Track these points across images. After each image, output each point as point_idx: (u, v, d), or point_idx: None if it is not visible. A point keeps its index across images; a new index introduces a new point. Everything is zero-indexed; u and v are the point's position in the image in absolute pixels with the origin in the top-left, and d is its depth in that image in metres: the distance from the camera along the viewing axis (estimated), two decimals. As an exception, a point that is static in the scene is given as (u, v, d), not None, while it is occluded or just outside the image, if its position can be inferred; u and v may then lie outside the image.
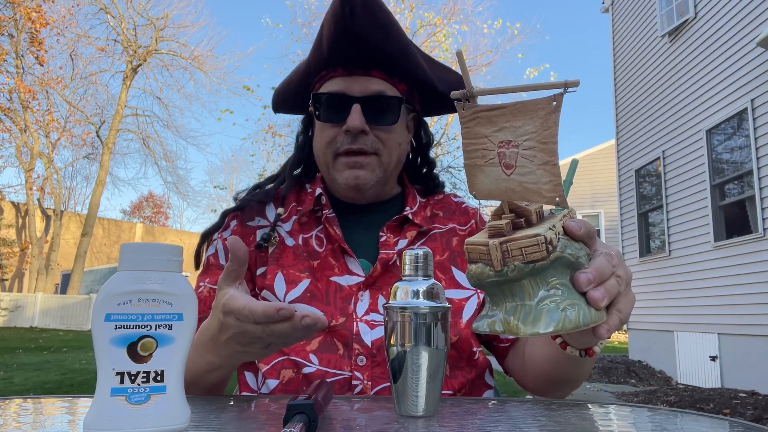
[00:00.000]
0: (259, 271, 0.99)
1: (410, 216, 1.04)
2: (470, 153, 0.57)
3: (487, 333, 0.57)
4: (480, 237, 0.57)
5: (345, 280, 0.97)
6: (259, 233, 1.03)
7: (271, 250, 1.00)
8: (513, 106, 0.54)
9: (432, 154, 1.21)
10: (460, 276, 1.01)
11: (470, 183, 0.58)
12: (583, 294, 0.55)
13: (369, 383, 0.90)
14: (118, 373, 0.53)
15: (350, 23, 0.95)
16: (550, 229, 0.54)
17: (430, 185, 1.15)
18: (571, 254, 0.55)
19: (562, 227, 0.56)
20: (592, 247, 0.60)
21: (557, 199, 0.54)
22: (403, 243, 1.02)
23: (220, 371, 0.77)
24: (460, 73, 1.11)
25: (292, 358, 0.91)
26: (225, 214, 1.06)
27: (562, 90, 0.52)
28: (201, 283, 0.99)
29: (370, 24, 0.96)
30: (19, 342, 12.12)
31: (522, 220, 0.56)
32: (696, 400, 5.83)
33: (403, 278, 0.68)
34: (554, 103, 0.52)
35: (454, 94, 0.56)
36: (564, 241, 0.55)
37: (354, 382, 0.90)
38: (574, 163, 0.69)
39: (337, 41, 0.97)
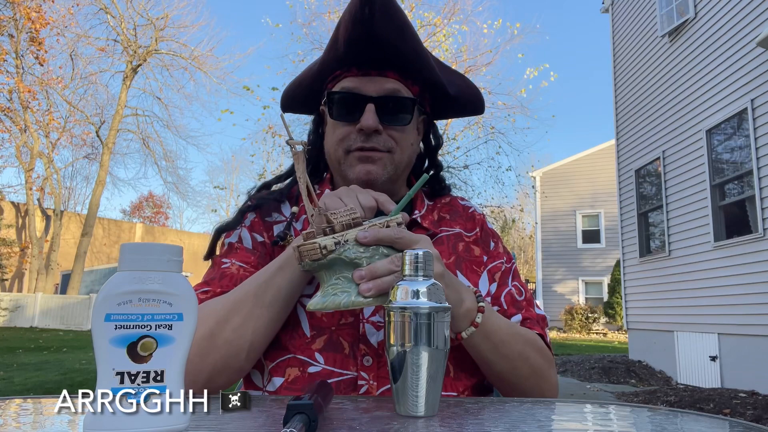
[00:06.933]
0: None
1: (419, 220, 1.04)
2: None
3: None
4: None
5: None
6: (276, 228, 1.04)
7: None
8: None
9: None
10: (465, 281, 1.01)
11: None
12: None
13: (375, 383, 0.90)
14: (118, 373, 0.53)
15: (369, 24, 0.95)
16: (333, 238, 0.76)
17: (437, 188, 1.16)
18: (347, 256, 0.76)
19: (355, 236, 0.77)
20: (404, 248, 0.75)
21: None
22: None
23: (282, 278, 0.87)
24: (468, 77, 1.12)
25: (298, 356, 0.91)
26: (243, 211, 1.06)
27: None
28: (226, 260, 0.99)
29: (388, 25, 0.96)
30: (19, 342, 12.12)
31: (329, 228, 0.78)
32: (696, 400, 5.83)
33: (404, 278, 0.68)
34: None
35: None
36: (349, 246, 0.76)
37: (360, 382, 0.89)
38: (423, 178, 0.86)
39: (355, 41, 0.98)
